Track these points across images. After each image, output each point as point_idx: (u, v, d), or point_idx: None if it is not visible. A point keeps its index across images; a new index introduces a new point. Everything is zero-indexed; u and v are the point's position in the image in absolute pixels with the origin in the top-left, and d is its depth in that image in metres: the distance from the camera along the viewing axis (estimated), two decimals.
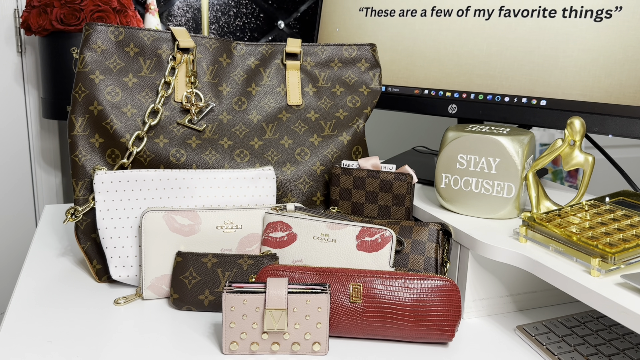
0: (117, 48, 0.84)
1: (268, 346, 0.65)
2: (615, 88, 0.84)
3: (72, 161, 0.82)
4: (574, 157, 0.77)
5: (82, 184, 0.82)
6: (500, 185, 0.79)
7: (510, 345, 0.71)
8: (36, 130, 1.37)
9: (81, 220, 0.82)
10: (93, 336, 0.69)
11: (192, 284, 0.75)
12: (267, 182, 0.83)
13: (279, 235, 0.78)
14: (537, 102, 0.92)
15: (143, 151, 0.82)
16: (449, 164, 0.82)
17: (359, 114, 0.94)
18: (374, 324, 0.67)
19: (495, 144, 0.78)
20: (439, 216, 0.83)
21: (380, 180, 0.84)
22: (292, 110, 0.92)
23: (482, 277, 0.76)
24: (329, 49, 0.95)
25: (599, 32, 0.85)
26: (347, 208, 0.87)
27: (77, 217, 0.81)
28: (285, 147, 0.89)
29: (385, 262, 0.73)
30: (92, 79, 0.82)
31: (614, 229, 0.67)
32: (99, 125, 0.82)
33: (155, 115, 0.84)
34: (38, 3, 1.12)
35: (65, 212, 0.81)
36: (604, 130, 0.85)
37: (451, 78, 1.02)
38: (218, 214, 0.78)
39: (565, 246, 0.67)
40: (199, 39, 0.88)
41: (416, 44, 1.06)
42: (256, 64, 0.92)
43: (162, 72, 0.86)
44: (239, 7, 1.51)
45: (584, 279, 0.61)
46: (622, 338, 0.71)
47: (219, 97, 0.89)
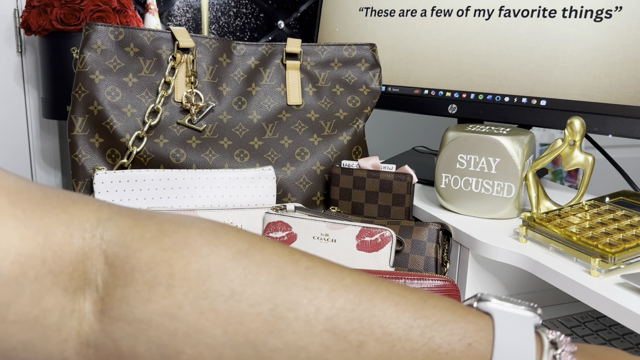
0: (117, 48, 0.84)
1: None
2: (615, 88, 0.84)
3: (72, 161, 0.82)
4: (574, 157, 0.77)
5: (82, 184, 0.82)
6: (500, 185, 0.79)
7: None
8: (36, 130, 1.37)
9: None
10: None
11: None
12: (267, 182, 0.83)
13: (279, 235, 0.78)
14: (537, 102, 0.92)
15: (143, 151, 0.82)
16: (449, 164, 0.82)
17: (359, 114, 0.94)
18: None
19: (495, 144, 0.78)
20: (439, 216, 0.82)
21: (380, 180, 0.84)
22: (292, 110, 0.92)
23: (482, 277, 0.76)
24: (329, 49, 0.95)
25: (599, 32, 0.85)
26: (347, 208, 0.87)
27: None
28: (285, 147, 0.89)
29: (385, 262, 0.73)
30: (92, 79, 0.82)
31: (614, 229, 0.67)
32: (99, 125, 0.82)
33: (155, 115, 0.84)
34: (38, 3, 1.12)
35: None
36: (604, 130, 0.85)
37: (451, 78, 1.02)
38: (218, 214, 0.78)
39: (565, 246, 0.67)
40: (199, 39, 0.88)
41: (416, 44, 1.06)
42: (256, 64, 0.92)
43: (162, 72, 0.86)
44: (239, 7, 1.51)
45: (584, 279, 0.61)
46: (622, 338, 0.71)
47: (219, 97, 0.88)
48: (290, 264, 0.32)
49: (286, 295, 0.29)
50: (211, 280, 0.29)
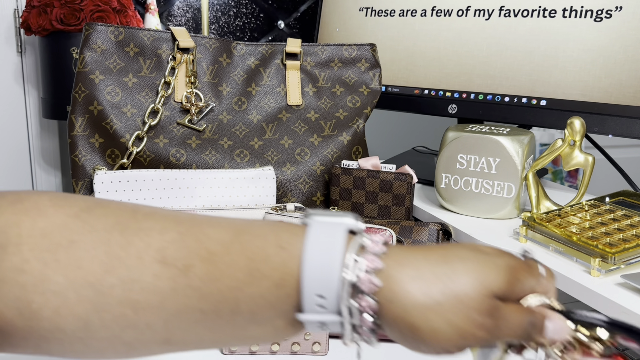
0: (117, 48, 0.84)
1: (268, 346, 0.65)
2: (615, 88, 0.84)
3: (72, 161, 0.82)
4: (574, 157, 0.77)
5: (82, 184, 0.82)
6: (500, 185, 0.79)
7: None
8: (36, 130, 1.37)
9: None
10: None
11: None
12: (267, 182, 0.83)
13: None
14: (537, 102, 0.92)
15: (143, 151, 0.82)
16: (449, 164, 0.82)
17: (359, 114, 0.94)
18: None
19: (495, 144, 0.78)
20: (439, 216, 0.82)
21: (380, 180, 0.84)
22: (292, 110, 0.92)
23: None
24: (329, 49, 0.95)
25: (599, 32, 0.85)
26: (347, 208, 0.87)
27: None
28: (285, 147, 0.89)
29: None
30: (92, 79, 0.82)
31: (614, 229, 0.67)
32: (99, 125, 0.82)
33: (155, 115, 0.84)
34: (38, 3, 1.12)
35: None
36: (604, 130, 0.85)
37: (451, 78, 1.01)
38: (218, 214, 0.78)
39: (565, 246, 0.67)
40: (199, 39, 0.88)
41: (416, 44, 1.06)
42: (256, 64, 0.92)
43: (162, 72, 0.86)
44: (239, 7, 1.51)
45: (584, 279, 0.61)
46: None
47: (218, 97, 0.88)
48: (129, 212, 0.35)
49: (119, 237, 0.33)
50: (53, 234, 0.33)
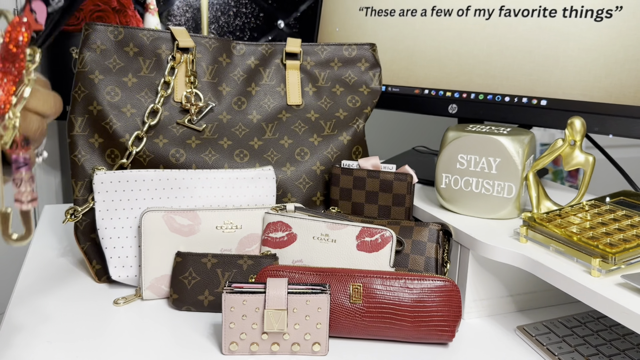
0: (117, 48, 0.84)
1: (268, 346, 0.65)
2: (616, 88, 0.84)
3: (71, 161, 0.82)
4: (575, 157, 0.77)
5: (82, 184, 0.82)
6: (500, 185, 0.79)
7: (511, 345, 0.70)
8: None
9: (80, 220, 0.82)
10: (92, 337, 0.69)
11: (192, 284, 0.74)
12: (267, 182, 0.83)
13: (279, 236, 0.78)
14: (537, 102, 0.92)
15: (142, 151, 0.82)
16: (449, 164, 0.82)
17: (359, 113, 0.94)
18: (374, 324, 0.67)
19: (496, 144, 0.78)
20: (439, 216, 0.82)
21: (380, 180, 0.84)
22: (292, 110, 0.92)
23: (482, 277, 0.76)
24: (329, 48, 0.94)
25: (600, 31, 0.85)
26: (347, 208, 0.87)
27: (77, 218, 0.80)
28: (285, 147, 0.89)
29: (385, 263, 0.73)
30: (91, 78, 0.82)
31: (615, 229, 0.67)
32: (99, 125, 0.82)
33: (154, 115, 0.84)
34: None
35: (65, 213, 0.81)
36: (604, 130, 0.85)
37: (451, 78, 1.01)
38: (218, 214, 0.78)
39: (566, 246, 0.67)
40: (199, 39, 0.88)
41: (416, 43, 1.05)
42: (256, 63, 0.92)
43: (161, 72, 0.86)
44: (238, 6, 1.51)
45: (585, 279, 0.61)
46: (623, 338, 0.71)
47: (218, 97, 0.88)
48: None
49: None
50: None
